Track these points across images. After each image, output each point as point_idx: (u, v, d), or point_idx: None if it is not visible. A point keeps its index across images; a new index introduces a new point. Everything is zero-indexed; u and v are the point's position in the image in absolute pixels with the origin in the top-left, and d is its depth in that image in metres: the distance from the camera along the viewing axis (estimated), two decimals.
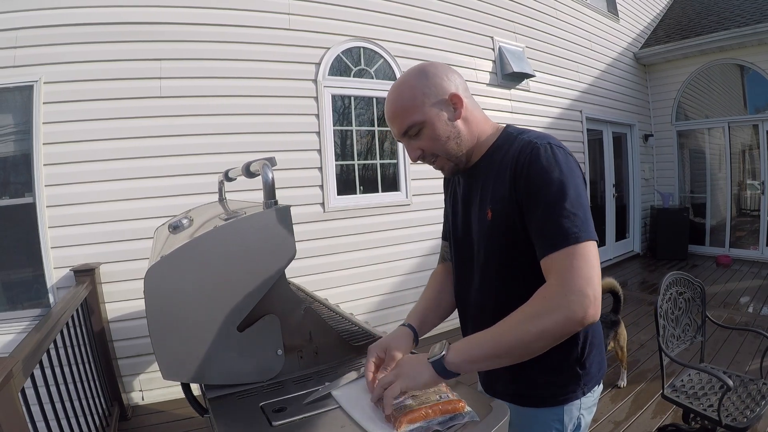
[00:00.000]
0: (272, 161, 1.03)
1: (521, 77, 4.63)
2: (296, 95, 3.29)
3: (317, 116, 3.36)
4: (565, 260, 0.75)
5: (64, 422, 1.65)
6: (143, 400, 2.80)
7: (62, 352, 1.83)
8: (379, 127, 3.74)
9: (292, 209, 1.00)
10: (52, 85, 2.59)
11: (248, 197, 2.62)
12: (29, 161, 2.58)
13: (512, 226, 0.84)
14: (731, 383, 1.63)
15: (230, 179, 1.62)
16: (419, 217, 3.83)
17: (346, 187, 3.57)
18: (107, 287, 2.68)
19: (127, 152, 2.74)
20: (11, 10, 2.52)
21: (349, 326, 1.33)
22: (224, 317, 0.93)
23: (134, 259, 2.70)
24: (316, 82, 3.36)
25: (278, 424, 0.82)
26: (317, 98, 3.36)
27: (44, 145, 2.57)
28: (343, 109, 3.58)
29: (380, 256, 3.64)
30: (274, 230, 0.97)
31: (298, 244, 1.00)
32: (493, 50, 4.47)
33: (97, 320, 2.49)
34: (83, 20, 2.65)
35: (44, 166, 2.58)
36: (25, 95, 2.58)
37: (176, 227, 1.21)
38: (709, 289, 4.45)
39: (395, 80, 0.97)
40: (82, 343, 2.17)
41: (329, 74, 3.42)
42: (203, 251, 0.92)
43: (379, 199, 3.69)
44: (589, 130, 5.72)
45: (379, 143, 3.77)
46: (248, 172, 1.16)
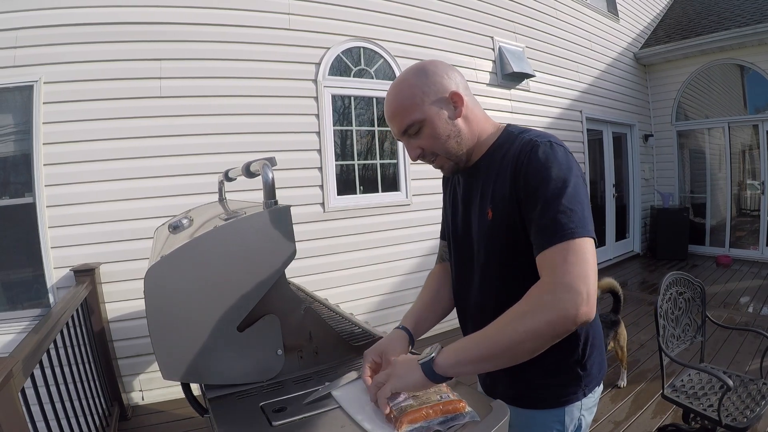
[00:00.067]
0: (272, 161, 1.03)
1: (521, 77, 4.63)
2: (296, 95, 3.29)
3: (317, 116, 3.36)
4: (557, 256, 0.72)
5: (64, 422, 1.65)
6: (143, 400, 2.80)
7: (62, 352, 1.83)
8: (379, 127, 3.74)
9: (292, 209, 1.00)
10: (52, 85, 2.59)
11: (248, 197, 2.62)
12: (29, 161, 2.58)
13: (513, 225, 0.83)
14: (731, 383, 1.63)
15: (230, 179, 1.62)
16: (419, 217, 3.83)
17: (346, 187, 3.57)
18: (107, 287, 2.68)
19: (126, 152, 2.75)
20: (11, 10, 2.52)
21: (349, 326, 1.33)
22: (224, 317, 0.93)
23: (134, 259, 2.70)
24: (316, 82, 3.36)
25: (278, 424, 0.82)
26: (317, 98, 3.36)
27: (44, 145, 2.58)
28: (343, 109, 3.58)
29: (380, 256, 3.64)
30: (274, 230, 0.97)
31: (298, 244, 1.00)
32: (493, 50, 4.47)
33: (97, 320, 2.49)
34: (83, 20, 2.65)
35: (44, 166, 2.58)
36: (25, 95, 2.58)
37: (176, 227, 1.21)
38: (709, 289, 4.45)
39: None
40: (82, 343, 2.17)
41: (329, 74, 3.42)
42: (203, 251, 0.92)
43: (379, 199, 3.69)
44: (589, 130, 5.72)
45: (379, 143, 3.77)
46: (248, 172, 1.16)
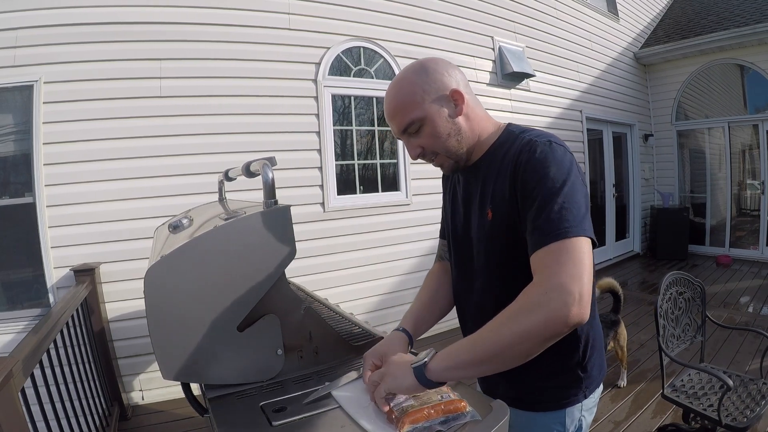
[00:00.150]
0: (272, 161, 1.03)
1: (521, 77, 4.63)
2: (296, 95, 3.29)
3: (317, 116, 3.36)
4: (551, 256, 0.71)
5: (64, 422, 1.65)
6: (143, 399, 2.80)
7: (62, 351, 1.83)
8: (379, 126, 3.74)
9: (292, 209, 0.99)
10: (52, 84, 2.59)
11: (248, 197, 2.62)
12: (29, 161, 2.58)
13: (512, 225, 0.83)
14: (731, 383, 1.63)
15: (230, 179, 1.62)
16: (419, 216, 3.83)
17: (346, 186, 3.57)
18: (107, 287, 2.68)
19: (126, 152, 2.74)
20: (11, 9, 2.52)
21: (349, 326, 1.33)
22: (224, 317, 0.93)
23: (134, 258, 2.70)
24: (316, 81, 3.36)
25: (278, 424, 0.81)
26: (317, 98, 3.36)
27: (44, 144, 2.57)
28: (343, 108, 3.58)
29: (380, 255, 3.64)
30: (274, 230, 0.97)
31: (298, 243, 1.00)
32: (493, 50, 4.47)
33: (97, 320, 2.49)
34: (83, 20, 2.65)
35: (44, 165, 2.58)
36: (25, 95, 2.58)
37: (176, 227, 1.21)
38: (709, 288, 4.45)
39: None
40: (82, 342, 2.17)
41: (329, 74, 3.42)
42: (203, 251, 0.92)
43: (379, 198, 3.69)
44: (589, 130, 5.72)
45: (379, 143, 3.77)
46: (248, 171, 1.15)
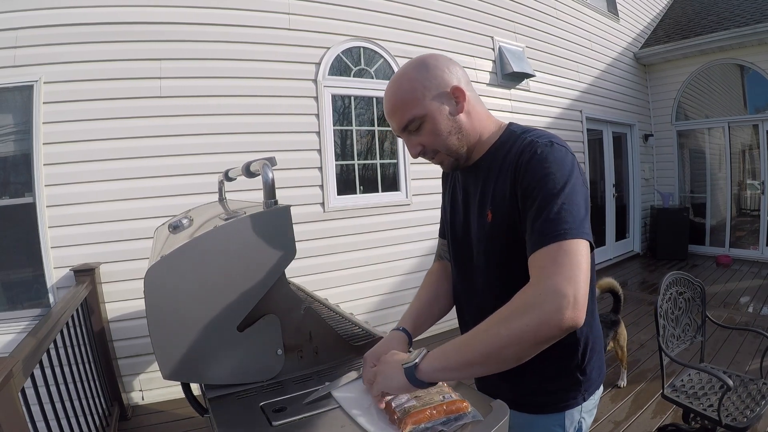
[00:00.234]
0: (272, 161, 1.03)
1: (521, 77, 4.63)
2: (296, 95, 3.29)
3: (317, 116, 3.36)
4: (548, 257, 0.69)
5: (64, 422, 1.65)
6: (143, 400, 2.80)
7: (62, 352, 1.83)
8: (379, 126, 3.74)
9: (292, 209, 0.99)
10: (52, 85, 2.59)
11: (248, 197, 2.62)
12: (29, 161, 2.58)
13: (513, 225, 0.82)
14: (731, 383, 1.63)
15: (230, 179, 1.62)
16: (419, 216, 3.83)
17: (346, 186, 3.57)
18: (107, 287, 2.68)
19: (126, 152, 2.74)
20: (11, 9, 2.52)
21: (349, 326, 1.33)
22: (224, 317, 0.93)
23: (134, 258, 2.70)
24: (316, 81, 3.36)
25: (278, 424, 0.81)
26: (317, 98, 3.36)
27: (44, 144, 2.57)
28: (343, 108, 3.58)
29: (380, 255, 3.64)
30: (274, 230, 0.97)
31: (297, 244, 1.00)
32: (493, 50, 4.47)
33: (97, 320, 2.49)
34: (83, 20, 2.65)
35: (44, 165, 2.58)
36: (25, 95, 2.58)
37: (176, 227, 1.21)
38: (709, 289, 4.45)
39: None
40: (82, 343, 2.17)
41: (329, 74, 3.42)
42: (203, 251, 0.92)
43: (379, 198, 3.69)
44: (589, 130, 5.72)
45: (379, 143, 3.77)
46: (248, 171, 1.16)
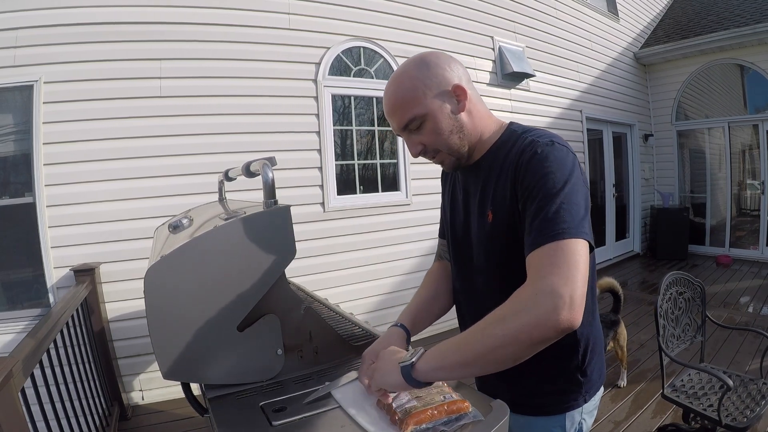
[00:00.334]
0: (272, 161, 1.03)
1: (521, 77, 4.63)
2: (296, 95, 3.29)
3: (317, 116, 3.36)
4: (545, 257, 0.68)
5: (64, 422, 1.65)
6: (143, 399, 2.80)
7: (62, 351, 1.83)
8: (379, 126, 3.74)
9: (291, 209, 0.99)
10: (52, 84, 2.59)
11: (248, 197, 2.62)
12: (29, 161, 2.58)
13: (513, 225, 0.82)
14: (731, 383, 1.63)
15: (230, 179, 1.62)
16: (419, 216, 3.83)
17: (346, 186, 3.57)
18: (107, 287, 2.68)
19: (126, 152, 2.74)
20: (11, 9, 2.52)
21: (348, 326, 1.33)
22: (224, 317, 0.93)
23: (134, 258, 2.70)
24: (316, 81, 3.35)
25: (278, 424, 0.81)
26: (317, 98, 3.36)
27: (44, 144, 2.57)
28: (343, 108, 3.58)
29: (380, 255, 3.64)
30: (274, 230, 0.97)
31: (297, 243, 1.00)
32: (493, 50, 4.47)
33: (97, 320, 2.49)
34: (83, 20, 2.65)
35: (44, 165, 2.57)
36: (25, 95, 2.58)
37: (176, 227, 1.21)
38: (709, 288, 4.45)
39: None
40: (82, 342, 2.17)
41: (329, 74, 3.42)
42: (203, 251, 0.92)
43: (379, 198, 3.69)
44: (589, 130, 5.72)
45: (379, 143, 3.77)
46: (248, 171, 1.15)
